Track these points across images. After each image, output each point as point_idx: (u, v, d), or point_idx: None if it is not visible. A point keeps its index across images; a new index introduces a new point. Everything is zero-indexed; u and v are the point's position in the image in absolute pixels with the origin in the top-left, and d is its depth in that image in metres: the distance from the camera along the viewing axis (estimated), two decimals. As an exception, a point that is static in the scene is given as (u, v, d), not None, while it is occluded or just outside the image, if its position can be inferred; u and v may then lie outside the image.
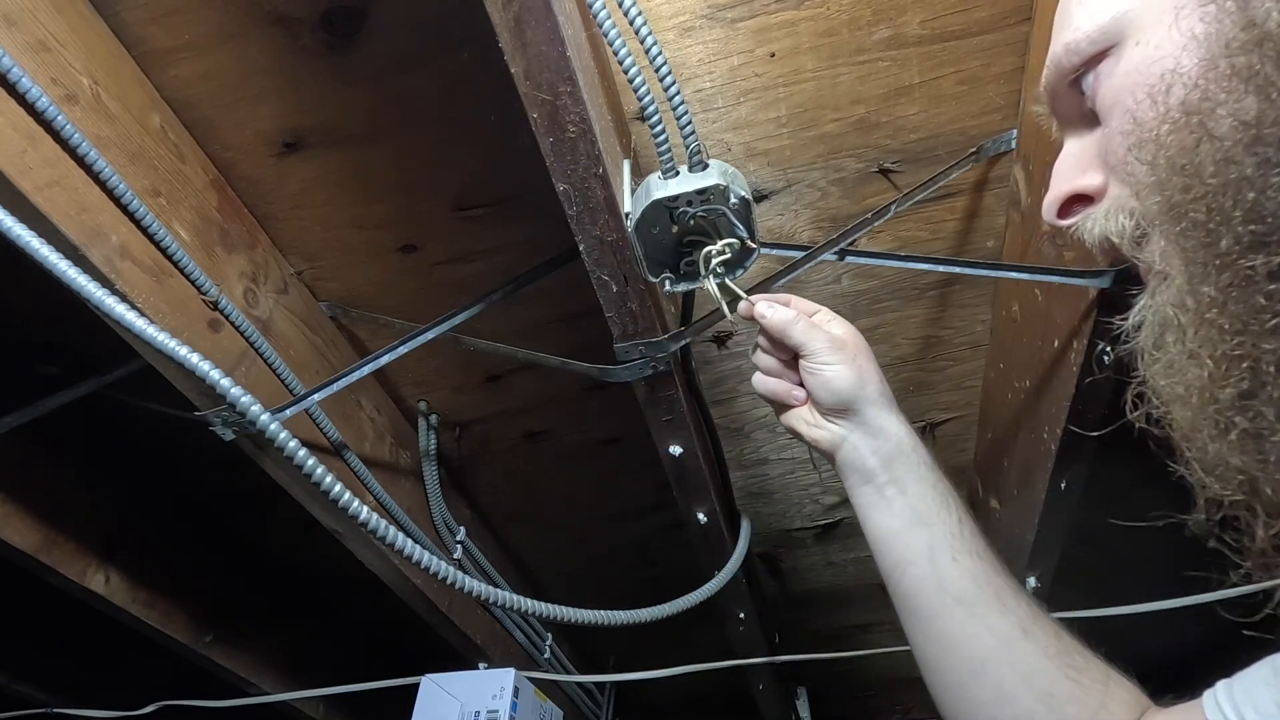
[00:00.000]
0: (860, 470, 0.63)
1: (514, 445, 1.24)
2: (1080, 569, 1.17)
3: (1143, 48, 0.37)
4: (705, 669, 1.24)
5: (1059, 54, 0.43)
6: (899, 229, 0.96)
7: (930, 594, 0.57)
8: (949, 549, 0.58)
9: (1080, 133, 0.45)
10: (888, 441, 0.62)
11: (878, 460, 0.62)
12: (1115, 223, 0.41)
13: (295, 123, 0.82)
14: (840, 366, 0.63)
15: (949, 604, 0.56)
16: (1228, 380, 0.34)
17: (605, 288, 0.69)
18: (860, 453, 0.63)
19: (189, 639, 1.27)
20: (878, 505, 0.62)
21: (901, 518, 0.60)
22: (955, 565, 0.57)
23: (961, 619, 0.56)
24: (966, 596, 0.56)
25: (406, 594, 1.11)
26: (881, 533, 0.61)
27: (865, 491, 0.63)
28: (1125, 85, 0.38)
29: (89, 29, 0.71)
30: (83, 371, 0.94)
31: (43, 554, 1.02)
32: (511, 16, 0.51)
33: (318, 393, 0.84)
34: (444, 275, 0.98)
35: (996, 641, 0.54)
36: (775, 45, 0.80)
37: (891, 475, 0.61)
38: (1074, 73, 0.43)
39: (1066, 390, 0.84)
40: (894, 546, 0.60)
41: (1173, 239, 0.36)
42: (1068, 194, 0.45)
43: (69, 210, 0.63)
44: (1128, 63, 0.38)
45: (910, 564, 0.59)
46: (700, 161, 0.61)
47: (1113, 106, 0.40)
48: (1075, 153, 0.46)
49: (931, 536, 0.59)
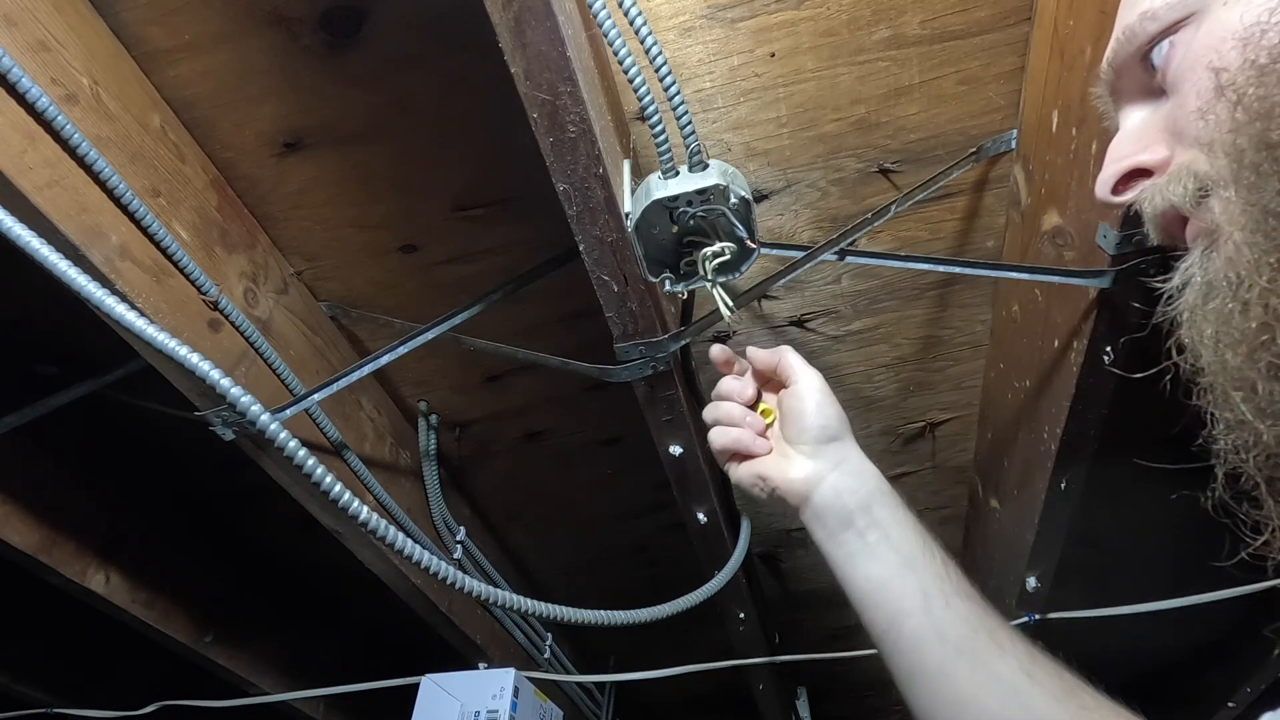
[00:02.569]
0: (840, 514, 0.59)
1: (514, 445, 1.24)
2: (1080, 569, 1.17)
3: (1232, 7, 0.37)
4: (705, 669, 1.24)
5: (1133, 24, 0.43)
6: (899, 229, 0.96)
7: (932, 647, 0.53)
8: (940, 592, 0.54)
9: (1143, 108, 0.46)
10: (867, 482, 0.60)
11: (857, 502, 0.59)
12: (1178, 187, 0.41)
13: (295, 123, 0.82)
14: (830, 394, 0.62)
15: (951, 656, 0.52)
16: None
17: (605, 288, 0.69)
18: (840, 494, 0.59)
19: (189, 639, 1.27)
20: (862, 553, 0.57)
21: (889, 564, 0.56)
22: (950, 610, 0.54)
23: (966, 671, 0.52)
24: (966, 645, 0.52)
25: (406, 594, 1.11)
26: (872, 583, 0.57)
27: (846, 539, 0.58)
28: (1209, 44, 0.38)
29: (89, 29, 0.71)
30: (83, 371, 0.94)
31: (43, 554, 1.02)
32: (511, 16, 0.51)
33: (318, 393, 0.84)
34: (444, 275, 0.98)
35: (1004, 691, 0.51)
36: (775, 45, 0.80)
37: (872, 518, 0.58)
38: (1149, 43, 0.42)
39: (1066, 390, 0.84)
40: (886, 597, 0.56)
41: (1243, 188, 0.36)
42: (1130, 168, 0.45)
43: (69, 210, 0.63)
44: (1213, 22, 0.39)
45: (906, 615, 0.55)
46: (700, 161, 0.61)
47: (1190, 69, 0.40)
48: (1136, 128, 0.46)
49: (922, 581, 0.55)
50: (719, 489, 1.00)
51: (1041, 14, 0.75)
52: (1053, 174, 0.78)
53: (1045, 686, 0.50)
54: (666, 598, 0.93)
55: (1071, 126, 0.71)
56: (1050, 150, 0.77)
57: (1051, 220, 0.80)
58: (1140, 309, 0.69)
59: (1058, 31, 0.71)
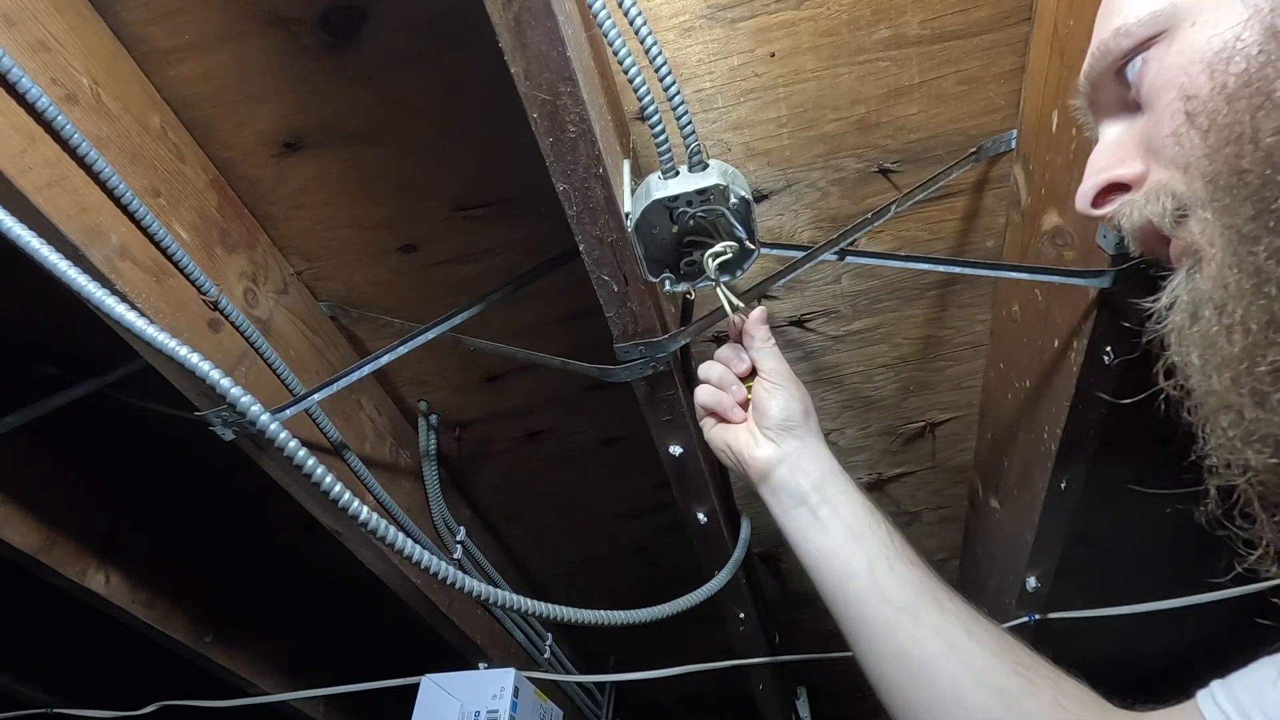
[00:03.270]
0: (794, 492, 0.65)
1: (514, 445, 1.25)
2: (1080, 569, 1.17)
3: (1200, 28, 0.38)
4: (705, 669, 1.24)
5: (1107, 39, 0.43)
6: (899, 229, 0.96)
7: (874, 606, 0.59)
8: (885, 559, 0.60)
9: (1120, 122, 0.46)
10: (820, 464, 0.65)
11: (810, 482, 0.64)
12: (1156, 205, 0.41)
13: (295, 123, 0.82)
14: (795, 389, 0.67)
15: (894, 614, 0.58)
16: (1270, 347, 0.34)
17: (605, 288, 0.69)
18: (795, 475, 0.65)
19: (189, 639, 1.27)
20: (813, 526, 0.63)
21: (837, 535, 0.62)
22: (893, 574, 0.59)
23: (908, 626, 0.57)
24: (908, 604, 0.58)
25: (406, 594, 1.11)
26: (821, 553, 0.63)
27: (799, 514, 0.64)
28: (1179, 64, 0.39)
29: (89, 29, 0.71)
30: (83, 371, 0.94)
31: (43, 554, 1.02)
32: (511, 16, 0.51)
33: (318, 393, 0.84)
34: (444, 275, 0.98)
35: (943, 644, 0.56)
36: (775, 45, 0.80)
37: (824, 496, 0.64)
38: (1123, 59, 0.43)
39: (1066, 390, 0.84)
40: (834, 565, 0.62)
41: (1219, 211, 0.36)
42: (1106, 182, 0.46)
43: (69, 210, 0.63)
44: (1182, 43, 0.39)
45: (851, 579, 0.60)
46: (700, 161, 0.61)
47: (1163, 88, 0.40)
48: (1113, 143, 0.46)
49: (867, 549, 0.61)
50: (719, 489, 1.00)
51: (1041, 14, 0.75)
52: (1053, 174, 0.78)
53: (984, 643, 0.55)
54: (666, 598, 0.93)
55: (1071, 126, 0.71)
56: (1050, 150, 0.77)
57: (1051, 220, 0.80)
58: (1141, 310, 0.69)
59: (1058, 31, 0.71)
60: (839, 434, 1.25)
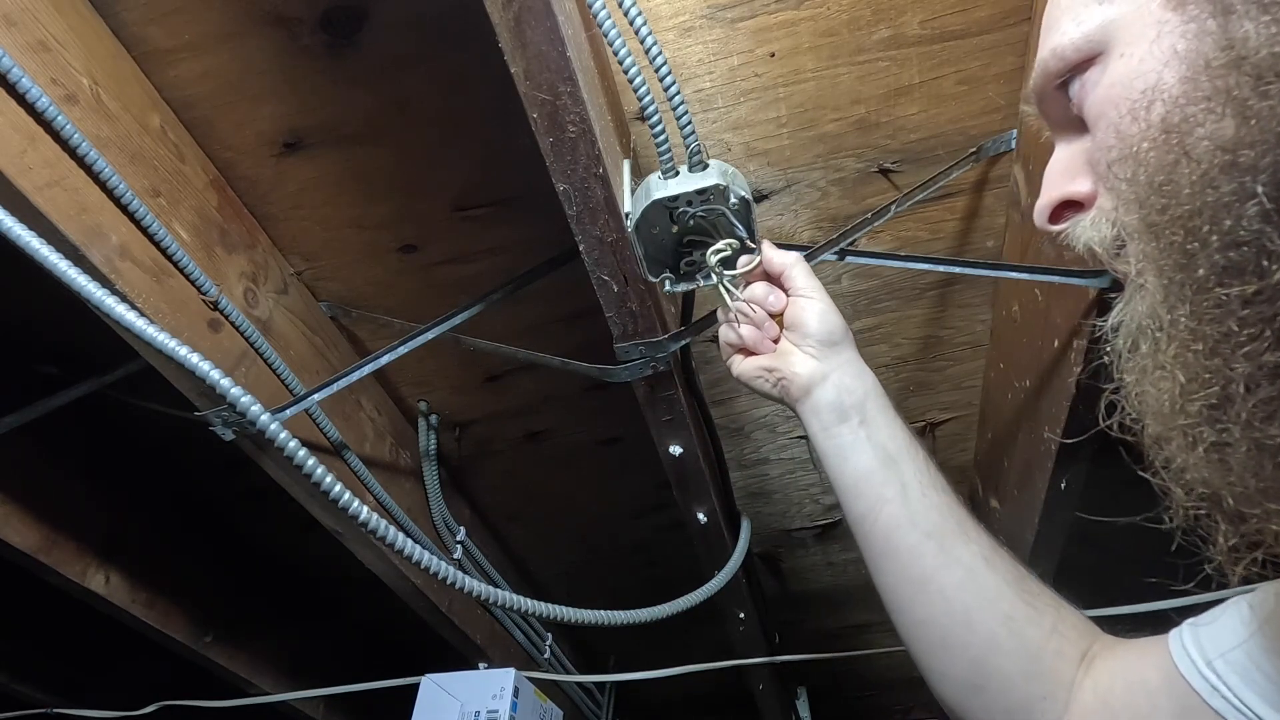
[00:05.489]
0: (838, 409, 0.63)
1: (514, 445, 1.24)
2: (1080, 569, 1.17)
3: (1126, 60, 0.37)
4: (705, 669, 1.24)
5: (1045, 59, 0.43)
6: (899, 229, 0.96)
7: (904, 530, 0.59)
8: (919, 485, 0.60)
9: (1069, 138, 0.45)
10: (864, 381, 0.64)
11: (853, 401, 0.63)
12: (1098, 231, 0.41)
13: (295, 123, 0.82)
14: (832, 307, 0.65)
15: (920, 539, 0.58)
16: (1197, 395, 0.33)
17: (605, 288, 0.69)
18: (839, 391, 0.63)
19: (189, 639, 1.27)
20: (853, 446, 0.62)
21: (876, 457, 0.61)
22: (925, 500, 0.59)
23: (933, 552, 0.58)
24: (935, 530, 0.58)
25: (406, 594, 1.11)
26: (859, 473, 0.61)
27: (840, 432, 0.63)
28: (1109, 97, 0.38)
29: (89, 29, 0.71)
30: (83, 371, 0.94)
31: (43, 554, 1.02)
32: (511, 16, 0.51)
33: (318, 393, 0.84)
34: (444, 275, 0.98)
35: (963, 572, 0.57)
36: (775, 45, 0.80)
37: (865, 416, 0.62)
38: (1059, 78, 0.42)
39: (1066, 390, 0.84)
40: (870, 486, 0.61)
41: (1150, 256, 0.35)
42: (1057, 200, 0.45)
43: (69, 210, 0.64)
44: (1112, 74, 0.38)
45: (886, 502, 0.60)
46: (700, 161, 0.61)
47: (1099, 117, 0.39)
48: (1065, 158, 0.46)
49: (903, 474, 0.60)
50: (719, 489, 1.00)
51: (1041, 14, 0.75)
52: (1053, 174, 0.78)
53: (1000, 572, 0.57)
54: (666, 598, 0.93)
55: (1071, 126, 0.71)
56: (1049, 151, 0.77)
57: (1051, 220, 0.80)
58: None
59: (1058, 31, 0.71)
60: (839, 434, 1.25)
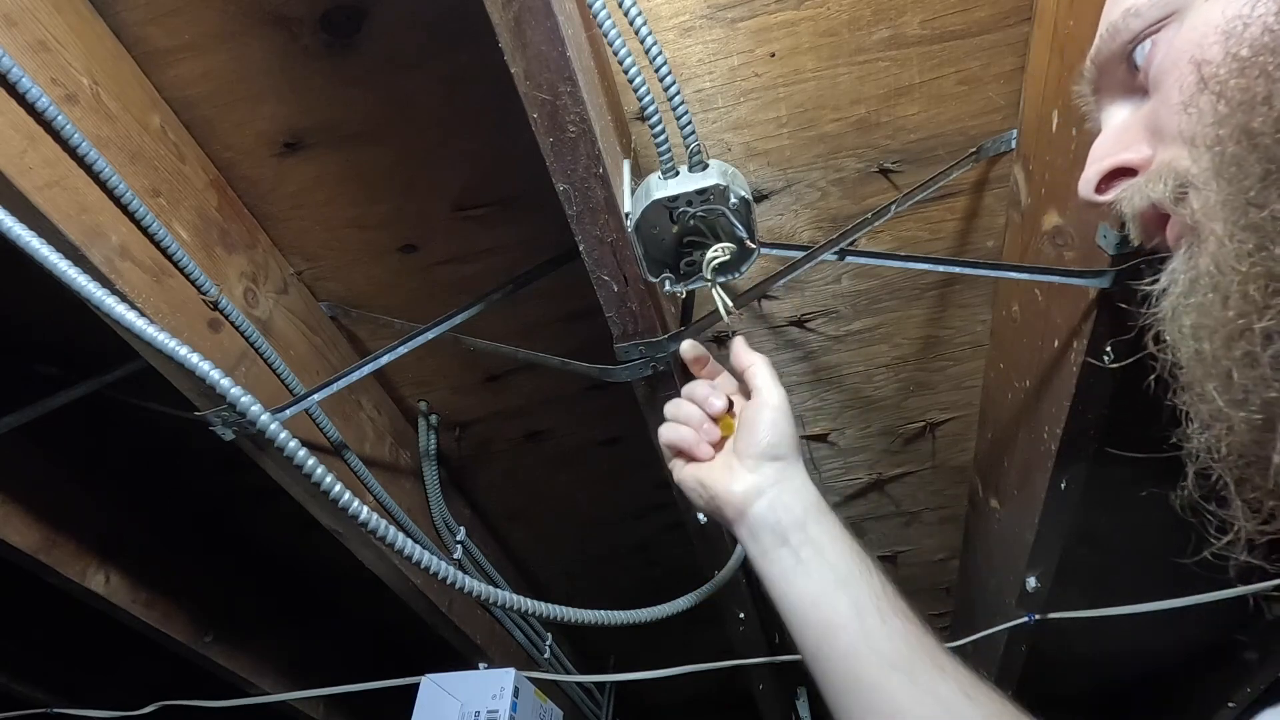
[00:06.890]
0: (775, 530, 0.58)
1: (514, 445, 1.25)
2: (1080, 569, 1.17)
3: (1213, 3, 0.38)
4: (705, 669, 1.24)
5: (1116, 20, 0.43)
6: (899, 229, 0.96)
7: (864, 660, 0.53)
8: (876, 609, 0.54)
9: (1125, 107, 0.46)
10: (804, 499, 0.60)
11: (792, 519, 0.58)
12: (1159, 185, 0.41)
13: (295, 123, 0.82)
14: (787, 415, 0.62)
15: (887, 671, 0.52)
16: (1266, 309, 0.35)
17: (605, 288, 0.69)
18: (776, 510, 0.59)
19: (189, 639, 1.27)
20: (795, 569, 0.57)
21: (823, 580, 0.56)
22: (886, 627, 0.53)
23: (904, 686, 0.51)
24: (903, 661, 0.52)
25: (406, 594, 1.11)
26: (804, 600, 0.56)
27: (781, 555, 0.58)
28: (1192, 39, 0.39)
29: (89, 29, 0.71)
30: (83, 371, 0.94)
31: (43, 554, 1.02)
32: (511, 16, 0.51)
33: (318, 393, 0.84)
34: (444, 275, 0.98)
35: (941, 709, 0.50)
36: (775, 45, 0.80)
37: (807, 535, 0.58)
38: (1133, 40, 0.43)
39: (1066, 390, 0.84)
40: (819, 614, 0.55)
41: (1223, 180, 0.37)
42: (1111, 167, 0.45)
43: (69, 210, 0.63)
44: (1195, 18, 0.39)
45: (839, 629, 0.54)
46: (700, 161, 0.61)
47: (1172, 66, 0.40)
48: (1119, 128, 0.46)
49: (856, 597, 0.55)
50: (719, 489, 1.00)
51: (1041, 14, 0.75)
52: (1053, 174, 0.78)
53: (984, 709, 0.50)
54: (666, 598, 0.93)
55: (1072, 126, 0.71)
56: (1050, 150, 0.77)
57: (1051, 220, 0.80)
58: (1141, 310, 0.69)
59: (1058, 31, 0.71)
60: (839, 434, 1.25)
